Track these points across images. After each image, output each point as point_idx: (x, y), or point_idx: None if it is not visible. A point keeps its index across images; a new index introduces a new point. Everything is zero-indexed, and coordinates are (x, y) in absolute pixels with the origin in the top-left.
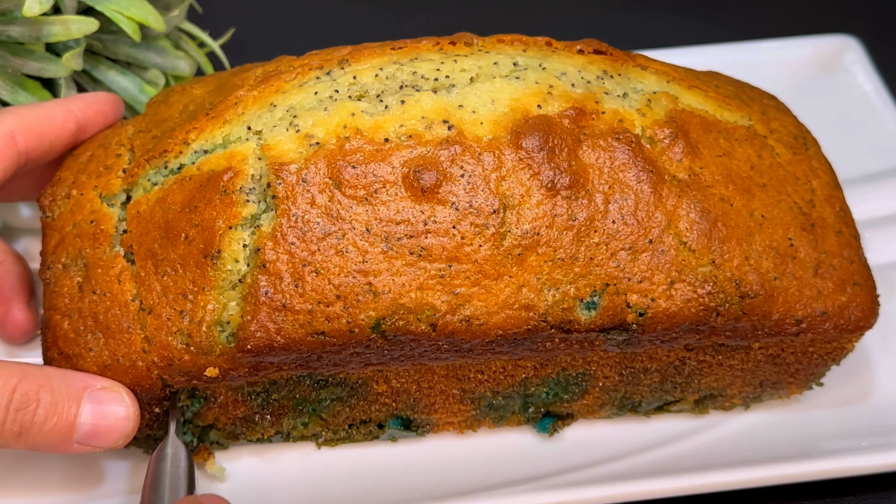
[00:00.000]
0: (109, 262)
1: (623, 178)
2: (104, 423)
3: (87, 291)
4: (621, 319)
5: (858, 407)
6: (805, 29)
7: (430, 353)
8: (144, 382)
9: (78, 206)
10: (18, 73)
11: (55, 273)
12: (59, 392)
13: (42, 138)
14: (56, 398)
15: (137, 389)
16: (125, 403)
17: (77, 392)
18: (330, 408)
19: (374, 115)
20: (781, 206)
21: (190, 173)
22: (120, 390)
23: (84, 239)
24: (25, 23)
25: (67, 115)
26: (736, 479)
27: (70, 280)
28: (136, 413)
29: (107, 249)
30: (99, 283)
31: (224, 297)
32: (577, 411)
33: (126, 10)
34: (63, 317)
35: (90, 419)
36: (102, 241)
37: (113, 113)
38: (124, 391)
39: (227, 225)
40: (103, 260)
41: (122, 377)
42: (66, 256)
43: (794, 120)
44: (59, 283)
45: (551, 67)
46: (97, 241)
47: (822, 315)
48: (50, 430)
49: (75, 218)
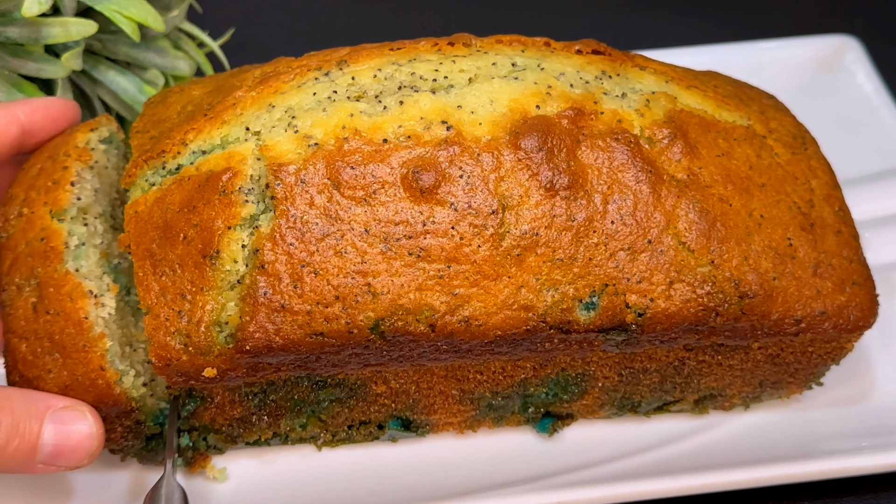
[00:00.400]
0: (61, 281)
1: (622, 178)
2: (67, 443)
3: (41, 312)
4: (620, 320)
5: (858, 407)
6: (805, 29)
7: (429, 353)
8: (107, 399)
9: (29, 224)
10: (16, 75)
11: (10, 294)
12: (20, 414)
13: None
14: (17, 420)
15: (101, 406)
16: (88, 422)
17: (39, 412)
18: (329, 409)
19: (373, 115)
20: (780, 206)
21: (189, 173)
22: (83, 409)
23: (35, 258)
24: (24, 24)
25: (10, 119)
26: (736, 479)
27: (24, 301)
28: (100, 432)
29: (58, 267)
30: (52, 303)
31: (222, 298)
32: (577, 411)
33: (125, 10)
34: (20, 339)
35: (53, 439)
36: (53, 258)
37: (64, 119)
38: (87, 409)
39: (226, 225)
40: (55, 279)
41: (83, 396)
42: (19, 276)
43: (793, 119)
44: (15, 305)
45: (550, 68)
46: (48, 259)
47: (822, 315)
48: (12, 452)
49: (27, 236)
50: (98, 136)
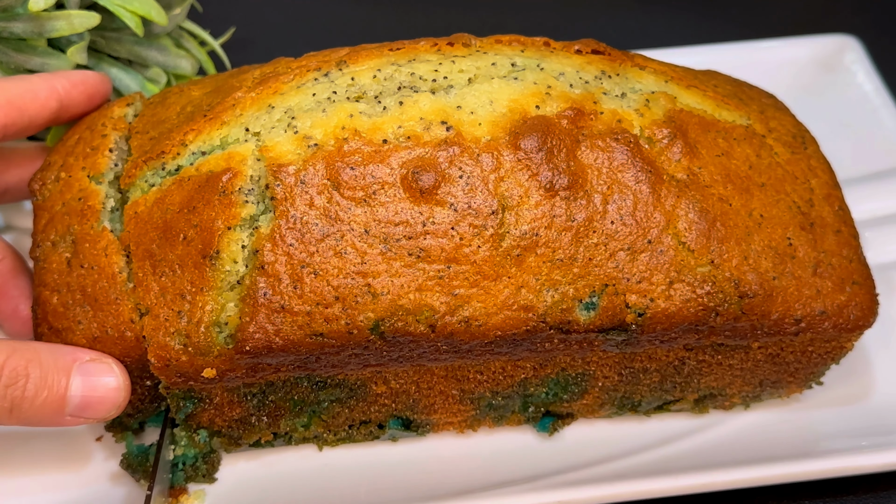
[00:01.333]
0: (97, 237)
1: (622, 178)
2: (95, 395)
3: (75, 266)
4: (620, 320)
5: (858, 406)
6: (805, 29)
7: (429, 354)
8: (134, 353)
9: (67, 186)
10: (21, 70)
11: (44, 250)
12: (48, 366)
13: (22, 113)
14: (45, 372)
15: (127, 361)
16: (115, 374)
17: (66, 365)
18: (329, 409)
19: (373, 116)
20: (780, 206)
21: (188, 174)
22: (109, 361)
23: (72, 216)
24: (29, 18)
25: (50, 93)
26: (736, 478)
27: (59, 256)
28: (126, 383)
29: (94, 224)
30: (87, 258)
31: (222, 298)
32: (577, 411)
33: (129, 5)
34: (52, 292)
35: (81, 391)
36: (90, 216)
37: (99, 95)
38: (113, 362)
39: (226, 225)
40: (91, 235)
41: (111, 349)
42: (55, 234)
43: (793, 119)
44: (49, 260)
45: (549, 68)
46: (85, 216)
47: (822, 314)
48: (41, 404)
49: (64, 197)
50: (133, 111)
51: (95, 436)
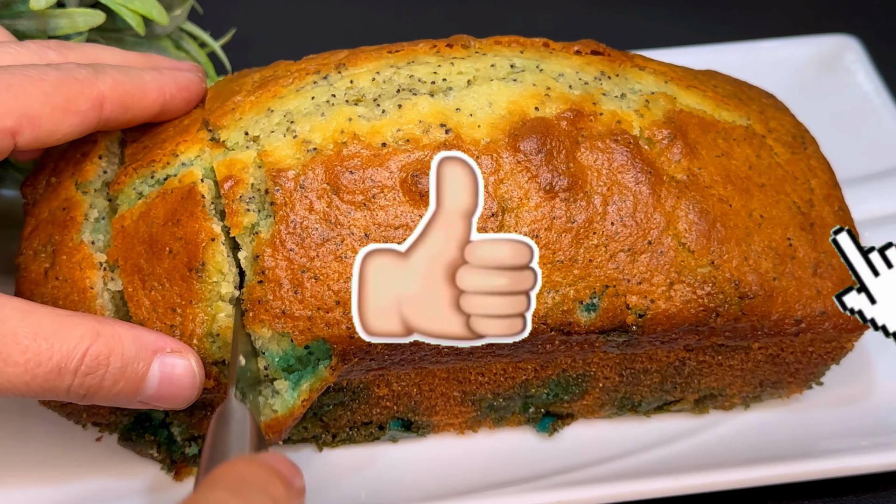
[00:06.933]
0: (74, 250)
1: (621, 179)
2: (169, 389)
3: (51, 277)
4: (621, 321)
5: (858, 406)
6: (805, 29)
7: (430, 356)
8: None
9: (54, 193)
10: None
11: (26, 258)
12: (129, 357)
13: (126, 112)
14: (126, 363)
15: None
16: (193, 370)
17: (147, 355)
18: (331, 412)
19: (372, 119)
20: (780, 206)
21: (172, 186)
22: (189, 356)
23: (55, 226)
24: (32, 17)
25: (158, 96)
26: (736, 478)
27: (38, 266)
28: (201, 380)
29: (74, 237)
30: (62, 270)
31: (212, 309)
32: (578, 411)
33: (130, 4)
34: None
35: (157, 383)
36: (71, 228)
37: (195, 101)
38: (193, 357)
39: (209, 237)
40: (69, 247)
41: None
42: (37, 242)
43: (793, 119)
44: (29, 269)
45: (549, 69)
46: (66, 228)
47: (822, 315)
48: (116, 393)
49: (51, 206)
50: None
51: (95, 436)
